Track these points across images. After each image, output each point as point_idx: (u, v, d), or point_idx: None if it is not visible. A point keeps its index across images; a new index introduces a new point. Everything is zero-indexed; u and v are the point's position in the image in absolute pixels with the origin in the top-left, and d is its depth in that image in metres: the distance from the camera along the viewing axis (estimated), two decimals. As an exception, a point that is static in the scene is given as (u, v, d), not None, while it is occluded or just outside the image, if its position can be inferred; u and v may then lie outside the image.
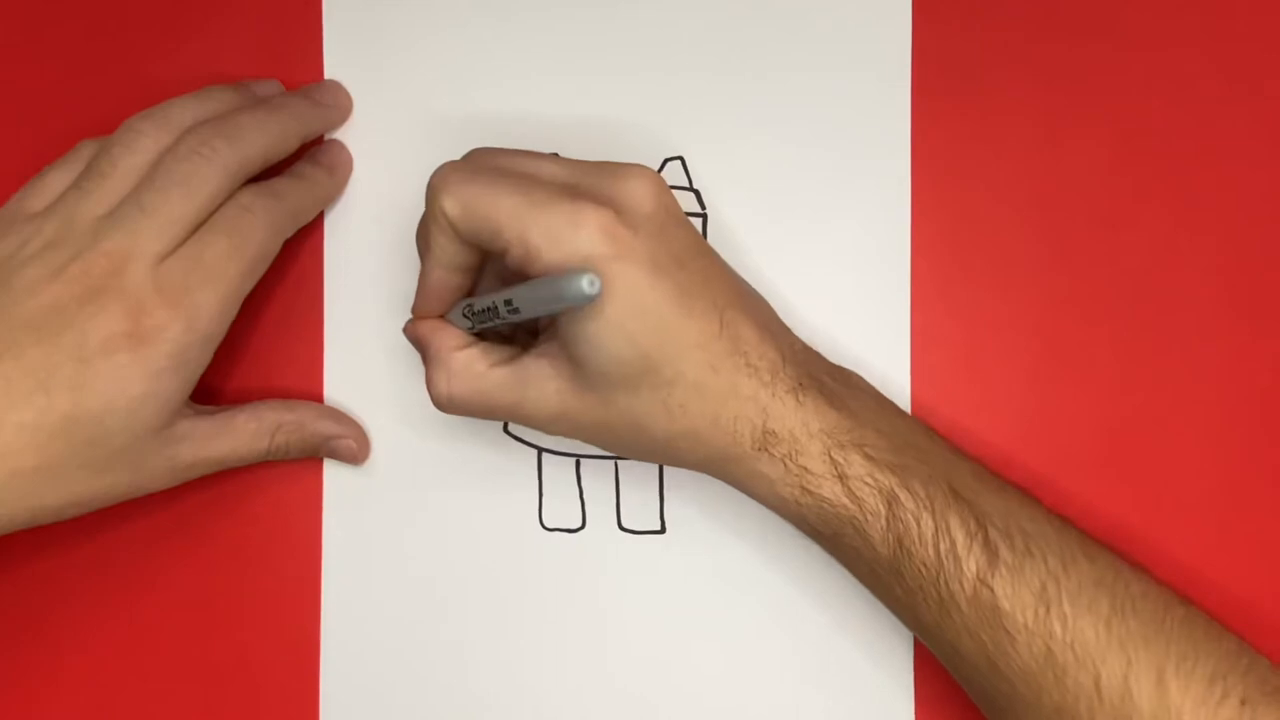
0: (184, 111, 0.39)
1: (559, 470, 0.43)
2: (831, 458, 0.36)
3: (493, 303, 0.36)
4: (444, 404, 0.38)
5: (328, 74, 0.43)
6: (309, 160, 0.42)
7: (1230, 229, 0.40)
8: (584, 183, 0.36)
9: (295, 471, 0.43)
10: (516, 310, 0.35)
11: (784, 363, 0.37)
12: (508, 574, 0.43)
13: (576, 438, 0.38)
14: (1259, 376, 0.40)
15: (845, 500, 0.36)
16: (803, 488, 0.36)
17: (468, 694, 0.43)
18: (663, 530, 0.42)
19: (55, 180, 0.39)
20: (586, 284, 0.32)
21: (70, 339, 0.36)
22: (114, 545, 0.44)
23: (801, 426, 0.36)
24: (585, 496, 0.43)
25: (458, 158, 0.38)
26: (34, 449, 0.36)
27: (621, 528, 0.43)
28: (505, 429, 0.43)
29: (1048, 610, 0.34)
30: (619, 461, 0.42)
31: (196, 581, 0.44)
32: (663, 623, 0.42)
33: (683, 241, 0.36)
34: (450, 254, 0.37)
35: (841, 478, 0.36)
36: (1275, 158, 0.40)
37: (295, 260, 0.43)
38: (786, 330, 0.39)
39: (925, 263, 0.41)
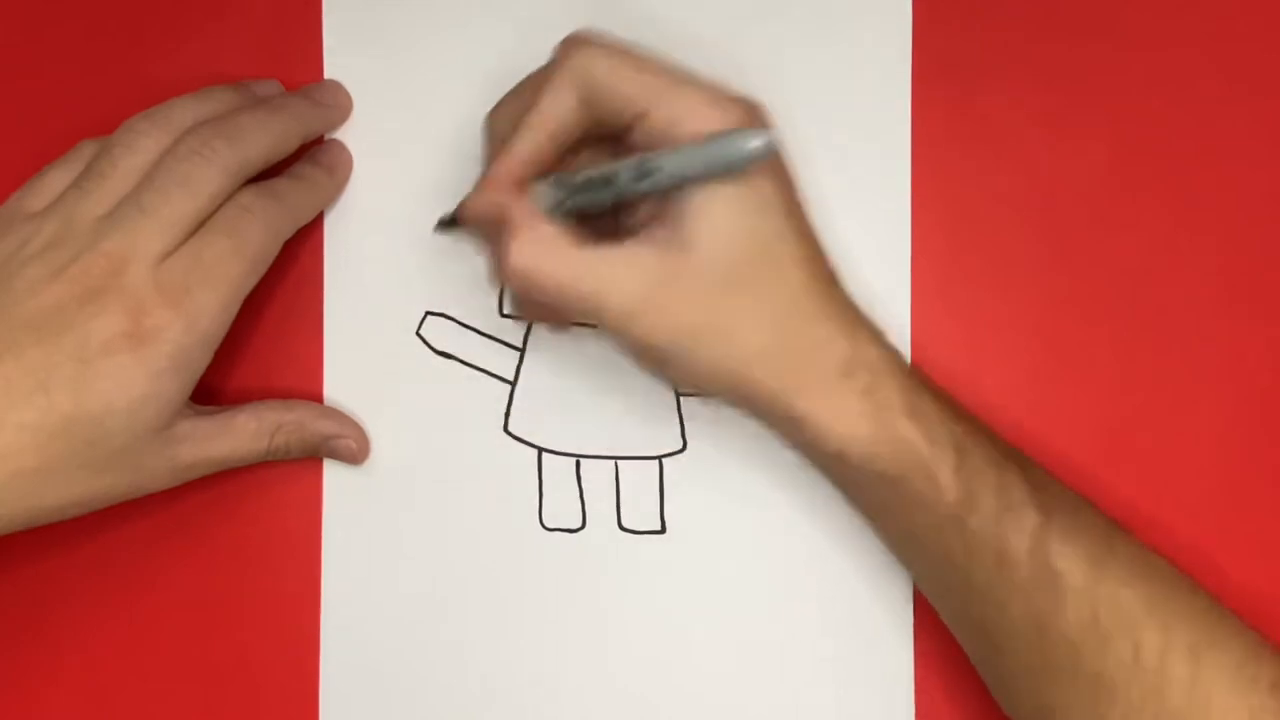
0: (184, 112, 0.39)
1: (559, 470, 0.43)
2: (910, 399, 0.36)
3: (613, 171, 0.34)
4: (516, 275, 0.35)
5: (328, 74, 0.43)
6: (309, 160, 0.42)
7: (1230, 229, 0.40)
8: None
9: (295, 471, 0.43)
10: (649, 174, 0.34)
11: (839, 293, 0.37)
12: (508, 574, 0.43)
13: (650, 343, 0.36)
14: (1259, 376, 0.40)
15: (920, 440, 0.36)
16: (880, 422, 0.36)
17: (468, 694, 0.43)
18: (663, 530, 0.42)
19: (55, 180, 0.39)
20: (760, 141, 0.31)
21: (70, 339, 0.36)
22: (114, 545, 0.44)
23: (884, 363, 0.36)
24: (585, 496, 0.43)
25: (456, 156, 0.38)
26: (35, 449, 0.36)
27: (621, 528, 0.43)
28: (505, 429, 0.43)
29: (1099, 575, 0.35)
30: (619, 461, 0.42)
31: (196, 581, 0.44)
32: (663, 623, 0.42)
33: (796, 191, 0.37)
34: (562, 117, 0.36)
35: (919, 417, 0.36)
36: (1276, 158, 0.40)
37: (295, 260, 0.43)
38: None
39: (925, 263, 0.41)
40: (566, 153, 0.37)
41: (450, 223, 0.40)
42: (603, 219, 0.37)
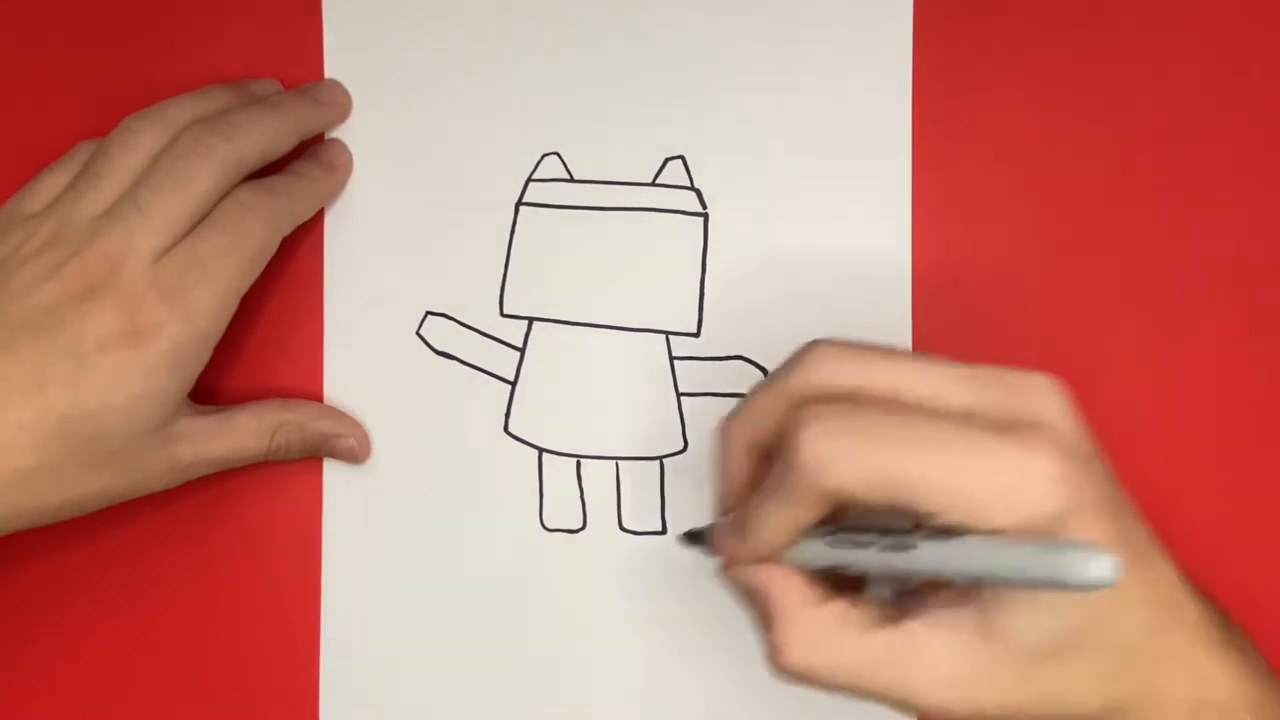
0: (181, 111, 0.39)
1: (559, 470, 0.43)
2: None
3: (898, 556, 0.28)
4: (791, 673, 0.30)
5: (328, 74, 0.43)
6: (308, 158, 0.42)
7: (1233, 228, 0.40)
8: (989, 406, 0.30)
9: (295, 471, 0.43)
10: (947, 566, 0.28)
11: (1195, 604, 0.31)
12: (508, 574, 0.43)
13: (973, 713, 0.30)
14: (1263, 376, 0.40)
15: None
16: None
17: (468, 695, 0.43)
18: (663, 531, 0.42)
19: (53, 181, 0.39)
20: (1105, 572, 0.25)
21: (68, 337, 0.36)
22: (113, 545, 0.44)
23: (1236, 698, 0.31)
24: (586, 497, 0.43)
25: (456, 156, 0.37)
26: (33, 448, 0.36)
27: (622, 528, 0.43)
28: (505, 429, 0.43)
29: None
30: (619, 462, 0.42)
31: (196, 581, 0.44)
32: (663, 624, 0.42)
33: (1099, 460, 0.30)
34: (809, 521, 0.30)
35: None
36: (1278, 156, 0.40)
37: (295, 259, 0.43)
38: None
39: (925, 263, 0.41)
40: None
41: (696, 539, 0.36)
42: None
